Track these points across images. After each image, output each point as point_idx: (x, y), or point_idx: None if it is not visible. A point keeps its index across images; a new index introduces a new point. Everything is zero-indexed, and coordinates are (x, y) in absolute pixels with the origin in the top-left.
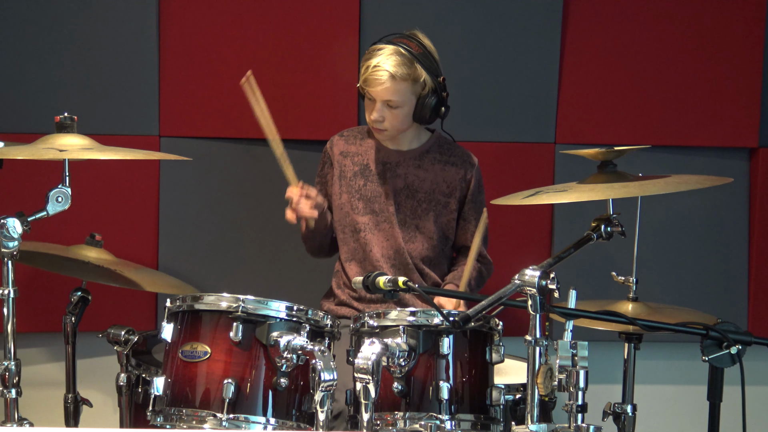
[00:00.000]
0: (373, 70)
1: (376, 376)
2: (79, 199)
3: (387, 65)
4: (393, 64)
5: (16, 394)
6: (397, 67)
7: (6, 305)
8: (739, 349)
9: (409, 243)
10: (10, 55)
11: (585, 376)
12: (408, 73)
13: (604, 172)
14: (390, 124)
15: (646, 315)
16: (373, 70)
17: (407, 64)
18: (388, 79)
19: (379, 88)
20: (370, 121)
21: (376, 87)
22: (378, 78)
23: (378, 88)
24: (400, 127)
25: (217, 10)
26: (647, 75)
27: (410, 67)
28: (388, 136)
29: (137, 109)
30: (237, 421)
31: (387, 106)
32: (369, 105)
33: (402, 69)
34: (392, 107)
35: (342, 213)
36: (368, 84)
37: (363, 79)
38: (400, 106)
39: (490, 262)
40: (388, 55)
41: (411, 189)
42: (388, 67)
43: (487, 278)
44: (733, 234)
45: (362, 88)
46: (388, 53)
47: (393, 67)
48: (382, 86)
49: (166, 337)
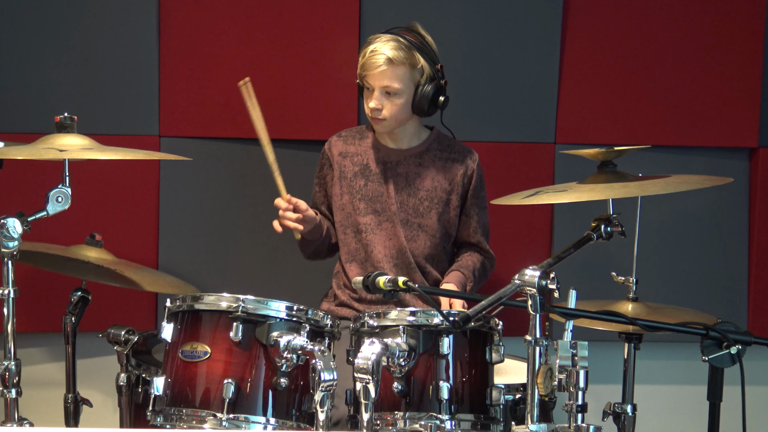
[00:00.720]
0: (370, 54)
1: (376, 376)
2: (79, 199)
3: (384, 49)
4: (390, 47)
5: (16, 394)
6: (395, 51)
7: (6, 305)
8: (739, 349)
9: (412, 241)
10: (10, 55)
11: (585, 376)
12: (405, 57)
13: (604, 172)
14: (389, 113)
15: (646, 315)
16: (371, 54)
17: (404, 49)
18: (385, 62)
19: (377, 71)
20: (369, 110)
21: (373, 71)
22: (375, 61)
23: (375, 71)
24: (399, 116)
25: (217, 10)
26: (647, 75)
27: (407, 52)
28: (386, 128)
29: (137, 109)
30: (237, 421)
31: (385, 94)
32: (368, 95)
33: (400, 53)
34: (390, 95)
35: (344, 214)
36: (366, 68)
37: (361, 65)
38: (399, 94)
39: (492, 257)
40: (386, 41)
41: (413, 187)
42: (386, 51)
43: (491, 271)
44: (733, 234)
45: (360, 77)
46: (386, 39)
47: (391, 50)
48: (379, 69)
49: (166, 337)
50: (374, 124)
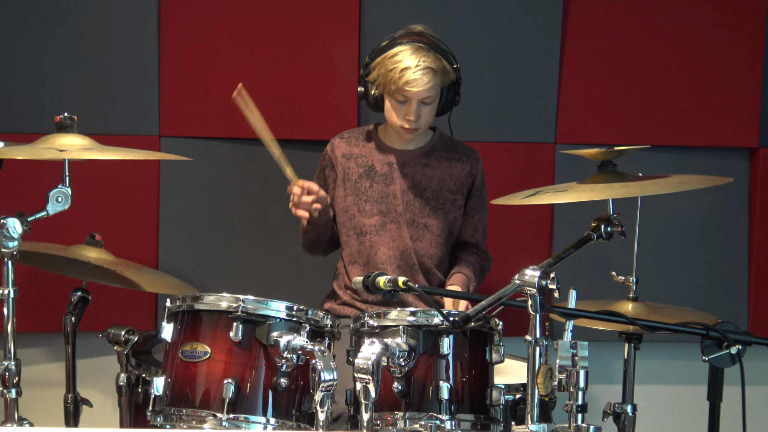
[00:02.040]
0: (415, 70)
1: (376, 376)
2: (79, 199)
3: (426, 63)
4: (430, 60)
5: (16, 394)
6: (434, 62)
7: (6, 305)
8: (739, 349)
9: (417, 242)
10: (10, 55)
11: (585, 376)
12: (442, 65)
13: (604, 172)
14: (424, 121)
15: (646, 315)
16: (415, 70)
17: (437, 57)
18: (432, 77)
19: (424, 88)
20: (404, 121)
21: (419, 87)
22: (420, 78)
23: (423, 87)
24: (431, 121)
25: (217, 11)
26: (647, 75)
27: (439, 60)
28: (417, 135)
29: (137, 109)
30: (237, 421)
31: (422, 104)
32: (398, 108)
33: (438, 63)
34: (426, 104)
35: (347, 216)
36: (411, 85)
37: (403, 82)
38: (434, 101)
39: (490, 257)
40: (417, 54)
41: (419, 188)
42: (428, 64)
43: (487, 272)
44: (733, 234)
45: (391, 91)
46: (415, 51)
47: (432, 63)
48: (427, 85)
49: (166, 337)
50: (406, 134)
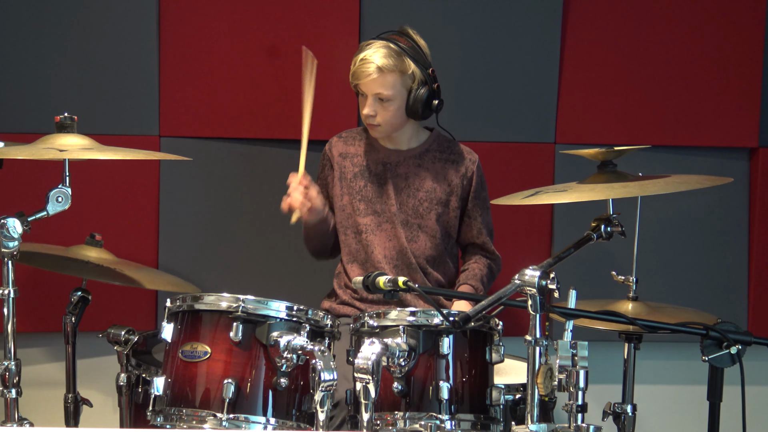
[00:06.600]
0: (360, 63)
1: (376, 376)
2: (79, 199)
3: (374, 57)
4: (380, 56)
5: (16, 394)
6: (384, 58)
7: (6, 305)
8: (739, 349)
9: (412, 242)
10: (10, 55)
11: (585, 376)
12: (395, 64)
13: (604, 172)
14: (383, 119)
15: (646, 315)
16: (361, 63)
17: (394, 56)
18: (375, 71)
19: (367, 80)
20: (364, 116)
21: (364, 79)
22: (365, 70)
23: (366, 80)
24: (393, 122)
25: (217, 10)
26: (647, 75)
27: (397, 59)
28: (382, 133)
29: (137, 109)
30: (237, 421)
31: (378, 101)
32: (362, 101)
33: (389, 60)
34: (383, 101)
35: (344, 215)
36: (357, 77)
37: (352, 73)
38: (391, 100)
39: (498, 257)
40: (376, 48)
41: (412, 188)
42: (375, 59)
43: (498, 273)
44: (733, 234)
45: (353, 84)
46: (376, 47)
47: (380, 59)
48: (369, 77)
49: (166, 337)
50: (370, 130)
